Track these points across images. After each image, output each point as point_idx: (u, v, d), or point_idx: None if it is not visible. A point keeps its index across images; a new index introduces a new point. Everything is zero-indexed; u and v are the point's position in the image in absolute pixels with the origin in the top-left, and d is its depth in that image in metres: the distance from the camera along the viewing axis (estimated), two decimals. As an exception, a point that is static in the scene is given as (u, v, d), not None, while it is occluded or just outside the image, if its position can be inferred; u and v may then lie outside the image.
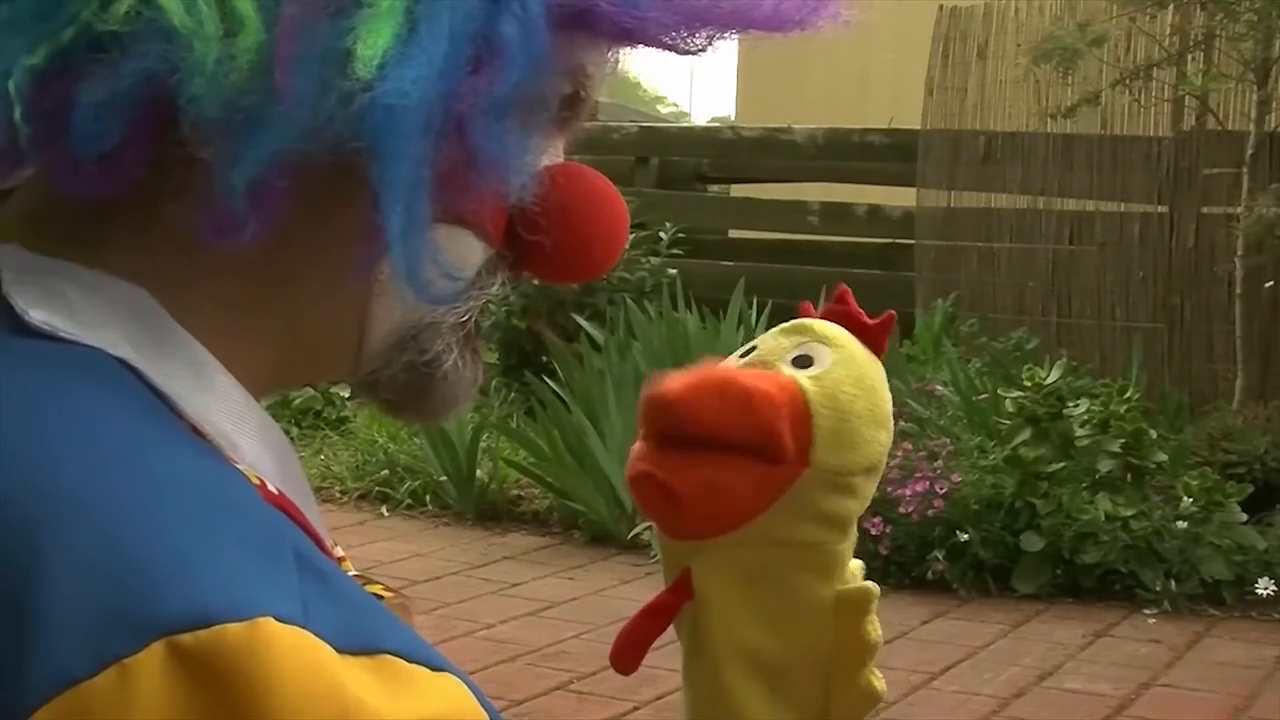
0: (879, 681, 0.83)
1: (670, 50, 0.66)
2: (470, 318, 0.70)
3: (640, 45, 0.67)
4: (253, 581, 0.52)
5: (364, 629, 0.54)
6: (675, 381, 0.80)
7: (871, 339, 0.86)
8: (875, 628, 0.83)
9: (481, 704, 0.57)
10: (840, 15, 0.70)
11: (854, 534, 0.86)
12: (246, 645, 0.50)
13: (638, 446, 0.82)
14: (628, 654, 0.86)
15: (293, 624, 0.51)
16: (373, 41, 0.56)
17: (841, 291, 0.88)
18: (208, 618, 0.50)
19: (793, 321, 0.87)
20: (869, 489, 0.84)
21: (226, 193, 0.57)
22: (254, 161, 0.57)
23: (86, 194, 0.60)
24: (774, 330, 0.87)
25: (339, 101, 0.56)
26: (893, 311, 0.88)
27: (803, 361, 0.84)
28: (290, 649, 0.51)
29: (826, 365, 0.83)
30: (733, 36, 0.67)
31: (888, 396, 0.85)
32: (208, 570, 0.51)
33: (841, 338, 0.85)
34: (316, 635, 0.52)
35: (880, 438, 0.84)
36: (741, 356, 0.86)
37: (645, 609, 0.85)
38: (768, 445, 0.80)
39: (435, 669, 0.55)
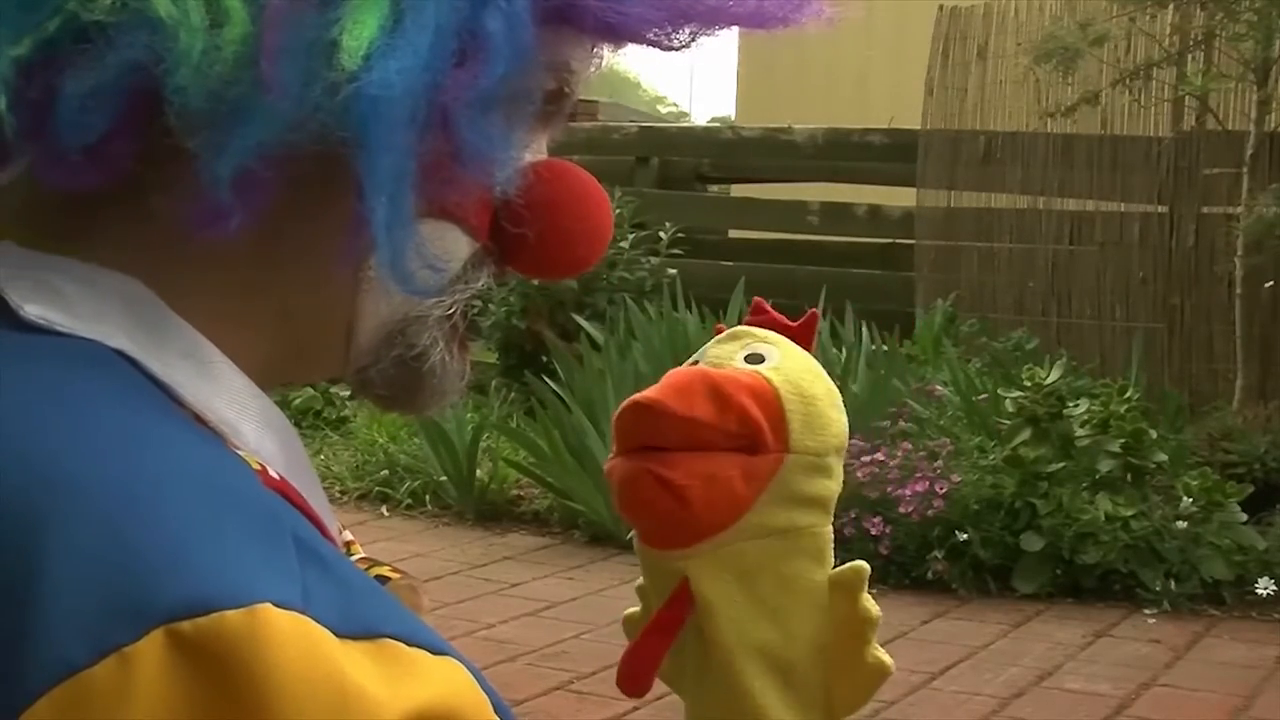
0: (885, 654, 0.83)
1: (654, 46, 0.67)
2: (457, 311, 0.70)
3: (624, 41, 0.67)
4: (252, 568, 0.52)
5: (364, 613, 0.54)
6: (646, 391, 0.81)
7: (799, 338, 0.90)
8: (872, 603, 0.83)
9: (483, 688, 0.57)
10: (824, 13, 0.70)
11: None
12: (246, 632, 0.50)
13: (615, 460, 0.83)
14: (639, 676, 0.85)
15: (292, 610, 0.51)
16: (358, 33, 0.57)
17: (757, 303, 0.93)
18: (207, 605, 0.50)
19: (727, 330, 0.90)
20: (840, 469, 0.87)
21: (212, 183, 0.57)
22: (239, 152, 0.57)
23: (73, 186, 0.60)
24: (712, 341, 0.90)
25: (324, 92, 0.56)
26: (816, 310, 0.93)
27: (754, 359, 0.86)
28: (289, 635, 0.51)
29: (777, 359, 0.86)
30: (716, 33, 0.67)
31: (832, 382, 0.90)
32: (207, 557, 0.51)
33: (776, 337, 0.89)
34: (316, 620, 0.52)
35: (841, 419, 0.87)
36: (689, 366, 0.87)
37: (650, 627, 0.84)
38: (750, 435, 0.81)
39: (436, 652, 0.55)
